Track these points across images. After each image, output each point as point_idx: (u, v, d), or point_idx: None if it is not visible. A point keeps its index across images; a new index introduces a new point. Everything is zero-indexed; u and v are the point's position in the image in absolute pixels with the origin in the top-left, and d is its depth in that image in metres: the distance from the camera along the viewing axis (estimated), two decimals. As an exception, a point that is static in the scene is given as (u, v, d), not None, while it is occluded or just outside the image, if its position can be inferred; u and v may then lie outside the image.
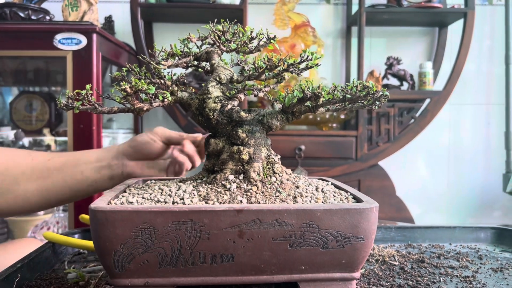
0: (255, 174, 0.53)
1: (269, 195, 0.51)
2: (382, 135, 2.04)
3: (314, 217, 0.46)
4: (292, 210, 0.45)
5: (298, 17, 2.12)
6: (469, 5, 2.02)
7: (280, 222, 0.45)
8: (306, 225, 0.46)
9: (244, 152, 0.55)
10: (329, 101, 0.55)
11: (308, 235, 0.46)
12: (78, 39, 1.45)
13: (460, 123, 2.38)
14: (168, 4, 1.99)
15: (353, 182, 2.00)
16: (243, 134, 0.56)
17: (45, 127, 1.94)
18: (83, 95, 0.51)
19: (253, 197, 0.50)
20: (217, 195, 0.50)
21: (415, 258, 0.68)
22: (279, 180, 0.54)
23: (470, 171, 2.38)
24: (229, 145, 0.57)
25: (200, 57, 0.60)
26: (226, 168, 0.55)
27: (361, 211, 0.46)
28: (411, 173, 2.34)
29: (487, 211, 2.40)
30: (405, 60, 2.21)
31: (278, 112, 0.59)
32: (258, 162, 0.55)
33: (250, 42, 0.57)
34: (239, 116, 0.56)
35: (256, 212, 0.45)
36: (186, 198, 0.49)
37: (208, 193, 0.51)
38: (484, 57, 2.37)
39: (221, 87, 0.58)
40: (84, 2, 1.67)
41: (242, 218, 0.45)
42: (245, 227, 0.45)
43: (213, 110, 0.56)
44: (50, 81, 2.13)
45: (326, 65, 2.32)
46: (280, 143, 1.96)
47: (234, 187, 0.52)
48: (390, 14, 2.08)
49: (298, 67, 0.58)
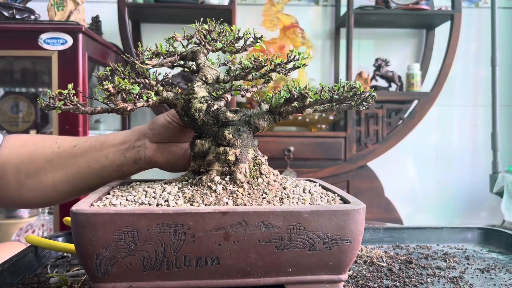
0: (242, 176, 0.52)
1: (256, 197, 0.50)
2: (371, 136, 2.05)
3: (300, 218, 0.45)
4: (279, 212, 0.45)
5: (287, 18, 2.12)
6: (456, 7, 2.04)
7: (266, 224, 0.45)
8: (293, 227, 0.45)
9: (231, 153, 0.54)
10: (316, 101, 0.54)
11: (294, 237, 0.45)
12: (64, 39, 1.43)
13: (448, 124, 2.40)
14: (156, 4, 1.98)
15: (342, 183, 2.01)
16: (229, 135, 0.55)
17: (31, 129, 1.91)
18: (65, 95, 0.50)
19: (239, 198, 0.50)
20: (203, 197, 0.50)
21: (403, 259, 0.68)
22: (266, 182, 0.54)
23: (458, 172, 2.40)
24: (215, 146, 0.56)
25: (186, 57, 0.59)
26: (212, 169, 0.54)
27: (348, 213, 0.46)
28: (399, 174, 2.36)
29: (474, 212, 2.42)
30: (393, 61, 2.23)
31: (265, 112, 0.58)
32: (244, 163, 0.54)
33: (237, 42, 0.56)
34: (225, 117, 0.55)
35: (242, 214, 0.45)
36: (170, 200, 0.48)
37: (194, 195, 0.50)
38: (471, 59, 2.40)
39: (207, 87, 0.57)
40: (70, 2, 1.65)
41: (227, 220, 0.44)
42: (231, 229, 0.44)
43: (199, 111, 0.55)
44: (36, 82, 2.10)
45: (315, 67, 2.32)
46: (269, 144, 1.95)
47: (220, 189, 0.51)
48: (378, 15, 2.09)
49: (285, 67, 0.57)
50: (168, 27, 2.23)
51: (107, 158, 0.69)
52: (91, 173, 0.69)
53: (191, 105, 0.56)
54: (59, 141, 0.71)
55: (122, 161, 0.69)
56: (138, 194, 0.53)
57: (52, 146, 0.70)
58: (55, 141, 0.71)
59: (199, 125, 0.56)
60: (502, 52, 2.27)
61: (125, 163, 0.69)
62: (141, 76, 0.52)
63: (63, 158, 0.69)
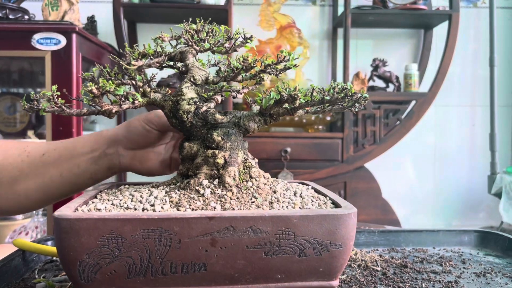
0: (231, 179, 0.51)
1: (245, 201, 0.49)
2: (368, 137, 2.04)
3: (290, 223, 0.44)
4: (267, 217, 0.44)
5: (284, 18, 2.11)
6: (454, 7, 2.03)
7: (254, 230, 0.43)
8: (282, 232, 0.44)
9: (219, 156, 0.53)
10: (307, 103, 0.53)
11: (284, 242, 0.44)
12: (57, 39, 1.42)
13: (446, 124, 2.39)
14: (152, 4, 1.97)
15: (339, 184, 1.99)
16: (219, 137, 0.54)
17: (29, 129, 1.90)
18: (49, 97, 0.49)
19: (228, 203, 0.48)
20: (190, 201, 0.48)
21: (398, 263, 0.67)
22: (255, 185, 0.52)
23: (456, 173, 2.39)
24: (204, 149, 0.55)
25: (174, 57, 0.58)
26: (201, 172, 0.53)
27: (338, 217, 0.45)
28: (397, 175, 2.35)
29: (472, 213, 2.41)
30: (390, 62, 2.22)
31: (256, 114, 0.57)
32: (233, 167, 0.53)
33: (226, 42, 0.55)
34: (214, 119, 0.54)
35: (229, 219, 0.43)
36: (157, 205, 0.47)
37: (181, 199, 0.49)
38: (469, 59, 2.39)
39: (196, 88, 0.55)
40: (64, 2, 1.64)
41: (214, 225, 0.43)
42: (218, 235, 0.43)
43: (187, 112, 0.54)
44: (32, 82, 2.09)
45: (312, 67, 2.31)
46: (266, 145, 1.94)
47: (208, 193, 0.50)
48: (376, 15, 2.08)
49: (276, 68, 0.56)
50: (164, 27, 2.21)
51: (79, 167, 0.67)
52: (65, 181, 0.68)
53: (179, 106, 0.55)
54: (28, 149, 0.69)
55: (95, 169, 0.68)
56: (124, 198, 0.51)
57: (21, 155, 0.68)
58: (24, 149, 0.69)
59: (187, 127, 0.55)
60: (500, 52, 2.26)
61: (99, 171, 0.68)
62: (127, 77, 0.51)
63: (33, 168, 0.68)
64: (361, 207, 2.01)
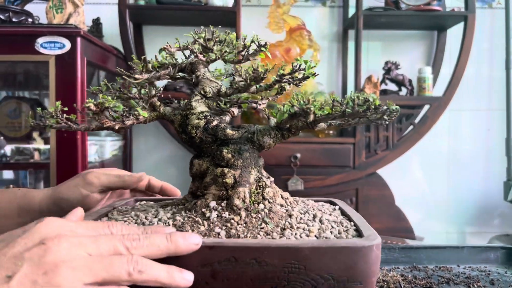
0: (240, 201, 0.46)
1: (253, 227, 0.44)
2: (381, 142, 1.97)
3: (299, 256, 0.38)
4: (273, 247, 0.38)
5: (293, 20, 2.05)
6: (469, 8, 1.97)
7: (259, 261, 0.38)
8: (291, 265, 0.38)
9: (229, 175, 0.48)
10: (328, 116, 0.48)
11: (293, 277, 0.38)
12: (61, 43, 1.38)
13: (460, 129, 2.32)
14: (158, 6, 1.92)
15: (351, 191, 1.94)
16: (228, 155, 0.49)
17: (35, 131, 1.86)
18: (52, 113, 0.44)
19: (233, 229, 0.43)
20: (193, 226, 0.44)
21: (423, 284, 0.62)
22: (268, 208, 0.47)
23: (470, 179, 2.32)
24: (213, 167, 0.50)
25: (185, 68, 0.53)
26: (209, 193, 0.49)
27: (358, 250, 0.39)
28: (410, 182, 2.28)
29: (486, 219, 2.35)
30: (403, 64, 2.15)
31: (272, 128, 0.52)
32: (244, 187, 0.47)
33: (235, 50, 0.50)
34: (224, 134, 0.49)
35: (231, 248, 0.38)
36: None
37: (184, 222, 0.45)
38: (484, 61, 2.32)
39: (207, 102, 0.50)
40: (69, 4, 1.59)
41: (214, 255, 0.38)
42: (219, 266, 0.38)
43: (196, 127, 0.49)
44: (35, 86, 2.05)
45: (322, 70, 2.25)
46: (275, 150, 1.88)
47: (214, 216, 0.45)
48: (388, 17, 2.02)
49: (295, 77, 0.51)
50: (170, 29, 2.17)
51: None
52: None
53: (189, 121, 0.50)
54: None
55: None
56: (129, 219, 0.48)
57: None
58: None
59: (197, 143, 0.50)
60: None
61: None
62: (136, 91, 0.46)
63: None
64: (374, 215, 1.95)
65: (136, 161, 2.20)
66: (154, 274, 0.36)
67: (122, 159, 2.08)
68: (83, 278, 0.34)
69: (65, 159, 1.41)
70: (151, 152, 2.22)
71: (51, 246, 0.34)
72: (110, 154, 1.90)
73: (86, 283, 0.34)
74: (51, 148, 1.43)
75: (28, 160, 1.67)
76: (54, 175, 1.41)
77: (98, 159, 1.78)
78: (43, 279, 0.32)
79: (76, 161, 1.42)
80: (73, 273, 0.33)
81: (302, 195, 1.96)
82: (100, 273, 0.35)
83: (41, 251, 0.34)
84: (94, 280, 0.34)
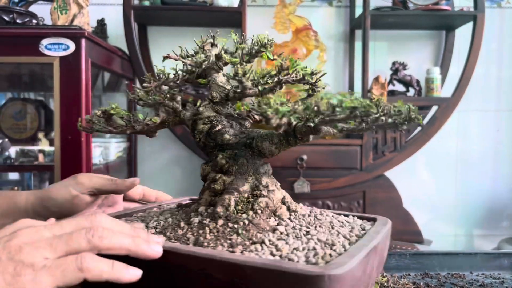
0: (222, 209, 0.44)
1: (223, 237, 0.41)
2: (388, 143, 1.95)
3: (241, 274, 0.34)
4: (218, 260, 0.35)
5: (300, 20, 2.03)
6: (479, 7, 1.93)
7: (206, 274, 0.36)
8: (235, 283, 0.35)
9: (219, 181, 0.47)
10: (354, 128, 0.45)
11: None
12: (66, 45, 1.36)
13: (468, 130, 2.29)
14: (163, 6, 1.90)
15: (358, 193, 1.91)
16: (222, 160, 0.48)
17: (40, 131, 1.85)
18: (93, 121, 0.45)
19: (203, 236, 0.41)
20: (174, 230, 0.44)
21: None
22: (250, 218, 0.44)
23: (478, 180, 2.29)
24: (213, 172, 0.49)
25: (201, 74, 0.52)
26: (202, 198, 0.49)
27: (303, 278, 0.32)
28: (418, 184, 2.25)
29: (495, 221, 2.31)
30: (410, 64, 2.13)
31: (277, 134, 0.49)
32: (231, 194, 0.46)
33: (238, 51, 0.49)
34: (221, 139, 0.48)
35: (183, 256, 0.37)
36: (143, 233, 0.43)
37: (167, 227, 0.45)
38: (493, 61, 2.29)
39: (214, 106, 0.49)
40: (74, 5, 1.58)
41: (168, 260, 0.37)
42: (172, 271, 0.38)
43: (200, 132, 0.48)
44: (41, 87, 2.04)
45: (328, 70, 2.23)
46: (281, 153, 1.86)
47: (196, 221, 0.44)
48: (396, 17, 1.99)
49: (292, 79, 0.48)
50: (175, 30, 2.15)
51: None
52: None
53: (195, 126, 0.49)
54: None
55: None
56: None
57: None
58: None
59: (201, 147, 0.50)
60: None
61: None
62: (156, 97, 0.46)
63: None
64: (381, 218, 1.92)
65: (141, 163, 2.19)
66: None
67: (126, 161, 2.07)
68: (43, 253, 0.36)
69: (69, 161, 1.40)
70: (156, 154, 2.21)
71: (18, 233, 0.37)
72: (115, 156, 1.89)
73: (47, 258, 0.36)
74: (55, 150, 1.41)
75: (32, 162, 1.66)
76: (59, 177, 1.40)
77: (102, 161, 1.76)
78: (6, 256, 0.35)
79: (81, 163, 1.41)
80: (34, 251, 0.36)
81: (308, 197, 1.94)
82: (60, 246, 0.36)
83: (8, 237, 0.37)
84: (55, 254, 0.36)
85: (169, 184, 2.17)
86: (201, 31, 2.15)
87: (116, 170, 1.99)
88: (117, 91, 2.13)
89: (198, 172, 0.53)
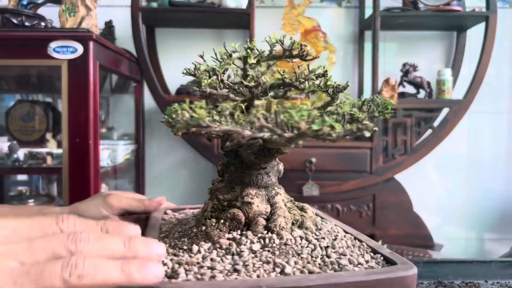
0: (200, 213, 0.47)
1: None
2: (399, 146, 1.92)
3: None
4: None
5: (308, 22, 2.01)
6: (491, 8, 1.90)
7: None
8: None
9: (210, 189, 0.48)
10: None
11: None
12: (74, 47, 1.36)
13: (480, 132, 2.25)
14: (171, 8, 1.90)
15: (368, 197, 1.89)
16: (219, 167, 0.48)
17: (48, 132, 1.85)
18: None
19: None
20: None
21: (450, 301, 0.58)
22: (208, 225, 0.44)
23: (490, 183, 2.25)
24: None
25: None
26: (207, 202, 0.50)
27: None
28: (429, 187, 2.22)
29: (507, 225, 2.28)
30: (421, 66, 2.10)
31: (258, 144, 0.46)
32: (211, 201, 0.46)
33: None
34: (224, 146, 0.47)
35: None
36: None
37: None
38: (505, 62, 2.25)
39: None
40: (82, 7, 1.58)
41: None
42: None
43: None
44: (49, 89, 2.04)
45: (337, 72, 2.20)
46: (289, 155, 1.83)
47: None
48: (406, 18, 1.96)
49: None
50: (183, 32, 2.14)
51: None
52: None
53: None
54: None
55: None
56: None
57: None
58: None
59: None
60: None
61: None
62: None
63: None
64: (391, 221, 1.90)
65: (149, 165, 2.18)
66: (101, 277, 0.30)
67: (134, 163, 2.07)
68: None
69: (77, 163, 1.39)
70: (164, 156, 2.20)
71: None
72: (123, 158, 1.88)
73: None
74: (63, 152, 1.41)
75: (41, 165, 1.65)
76: (67, 180, 1.39)
77: (110, 163, 1.76)
78: None
79: (89, 165, 1.40)
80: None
81: (317, 200, 1.91)
82: (28, 286, 0.29)
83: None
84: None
85: (176, 186, 2.16)
86: (209, 32, 2.14)
87: (124, 173, 1.98)
88: (125, 93, 2.13)
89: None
